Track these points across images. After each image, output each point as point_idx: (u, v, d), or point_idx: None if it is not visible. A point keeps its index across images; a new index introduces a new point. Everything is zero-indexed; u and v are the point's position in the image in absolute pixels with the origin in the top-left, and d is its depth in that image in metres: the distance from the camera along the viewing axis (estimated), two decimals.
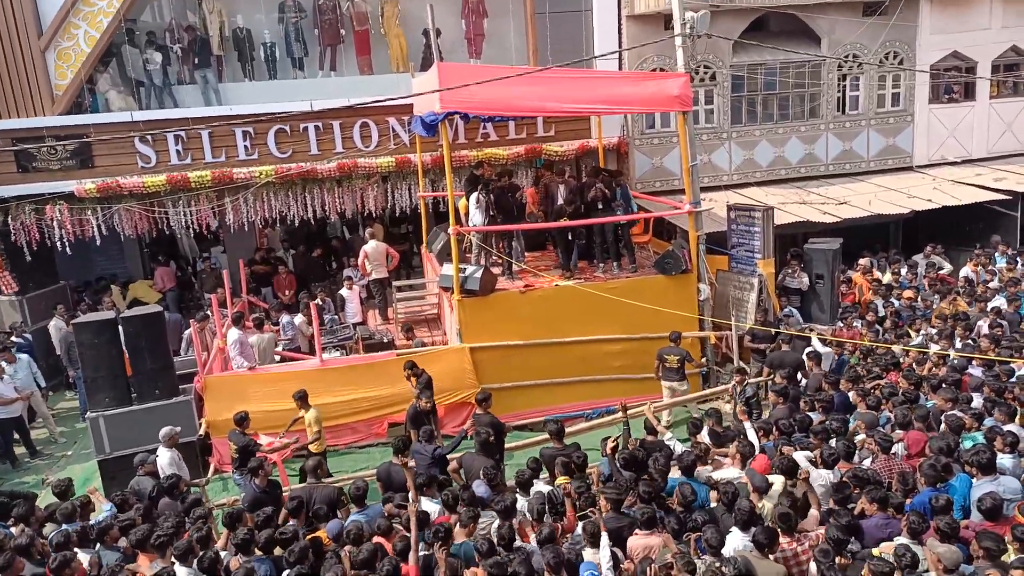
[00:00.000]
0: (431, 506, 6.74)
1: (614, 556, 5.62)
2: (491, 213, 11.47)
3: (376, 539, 6.06)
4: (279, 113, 13.02)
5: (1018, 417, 7.47)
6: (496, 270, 11.83)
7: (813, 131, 16.46)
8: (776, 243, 12.62)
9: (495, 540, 5.90)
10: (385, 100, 11.86)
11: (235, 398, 9.88)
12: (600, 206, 11.60)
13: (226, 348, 11.11)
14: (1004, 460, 6.60)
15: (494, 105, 10.72)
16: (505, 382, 10.88)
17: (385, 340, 11.99)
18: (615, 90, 11.31)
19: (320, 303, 12.81)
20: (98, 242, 13.61)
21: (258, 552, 6.00)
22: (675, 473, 7.05)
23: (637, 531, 5.90)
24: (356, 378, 10.65)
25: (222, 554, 6.04)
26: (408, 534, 5.97)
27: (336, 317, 13.11)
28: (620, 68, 14.96)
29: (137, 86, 14.54)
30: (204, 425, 10.11)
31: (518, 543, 6.00)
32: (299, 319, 12.59)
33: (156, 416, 9.34)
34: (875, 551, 5.51)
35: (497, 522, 6.24)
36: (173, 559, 5.88)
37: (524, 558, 5.51)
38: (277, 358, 11.74)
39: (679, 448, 7.60)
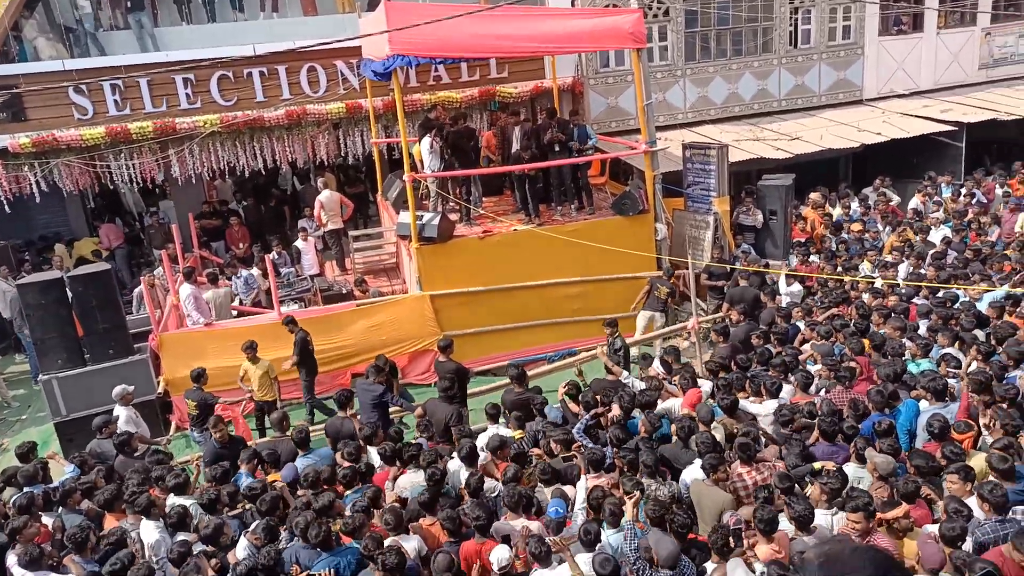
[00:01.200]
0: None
1: (563, 496, 5.78)
2: (445, 158, 11.31)
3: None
4: (220, 58, 12.48)
5: (958, 342, 7.78)
6: (454, 216, 11.73)
7: (766, 66, 16.46)
8: (731, 180, 12.72)
9: (464, 487, 6.05)
10: (332, 42, 11.44)
11: (192, 355, 9.74)
12: (557, 148, 11.51)
13: (180, 304, 10.89)
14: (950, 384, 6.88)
15: (445, 46, 10.45)
16: (467, 328, 10.91)
17: (344, 291, 11.88)
18: (568, 28, 11.10)
19: (276, 256, 12.58)
20: (38, 199, 13.07)
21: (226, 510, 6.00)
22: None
23: (586, 475, 6.05)
24: (315, 330, 10.51)
25: (188, 503, 6.04)
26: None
27: (293, 269, 12.91)
28: (573, 5, 14.66)
29: (67, 32, 13.78)
30: (163, 383, 9.97)
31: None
32: (255, 272, 12.36)
33: (111, 376, 9.17)
34: (816, 465, 5.77)
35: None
36: (139, 514, 5.87)
37: (480, 502, 5.64)
38: (234, 313, 11.56)
39: (639, 385, 7.75)
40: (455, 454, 6.61)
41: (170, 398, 9.99)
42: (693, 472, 5.96)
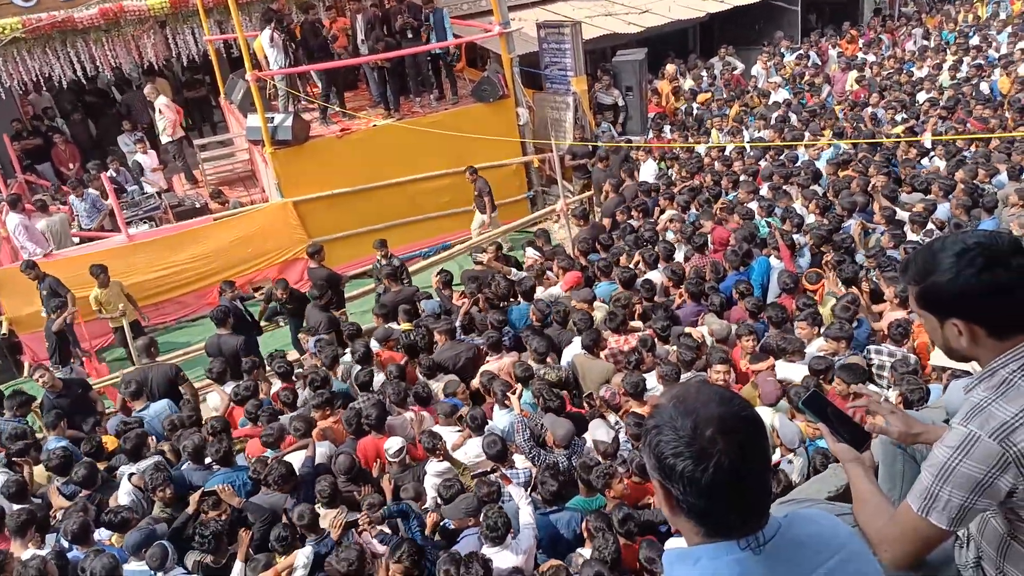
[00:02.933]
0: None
1: (452, 383, 5.98)
2: (290, 53, 10.57)
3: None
4: None
5: (800, 199, 8.40)
6: (308, 116, 11.13)
7: None
8: (586, 59, 12.71)
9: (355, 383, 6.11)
10: None
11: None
12: (410, 35, 11.01)
13: (10, 237, 9.88)
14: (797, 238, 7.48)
15: None
16: (336, 232, 10.63)
17: (197, 205, 11.17)
18: None
19: (114, 173, 11.54)
20: None
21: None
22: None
23: (488, 358, 6.25)
24: (172, 249, 9.95)
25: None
26: None
27: (137, 187, 11.91)
28: None
29: None
30: (5, 322, 9.18)
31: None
32: (92, 193, 11.30)
33: None
34: (688, 330, 6.23)
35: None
36: None
37: (375, 399, 5.72)
38: (76, 240, 10.64)
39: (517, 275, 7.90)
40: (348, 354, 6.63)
41: (17, 338, 9.25)
42: (574, 349, 6.25)
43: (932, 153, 9.36)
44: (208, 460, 5.40)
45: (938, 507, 1.67)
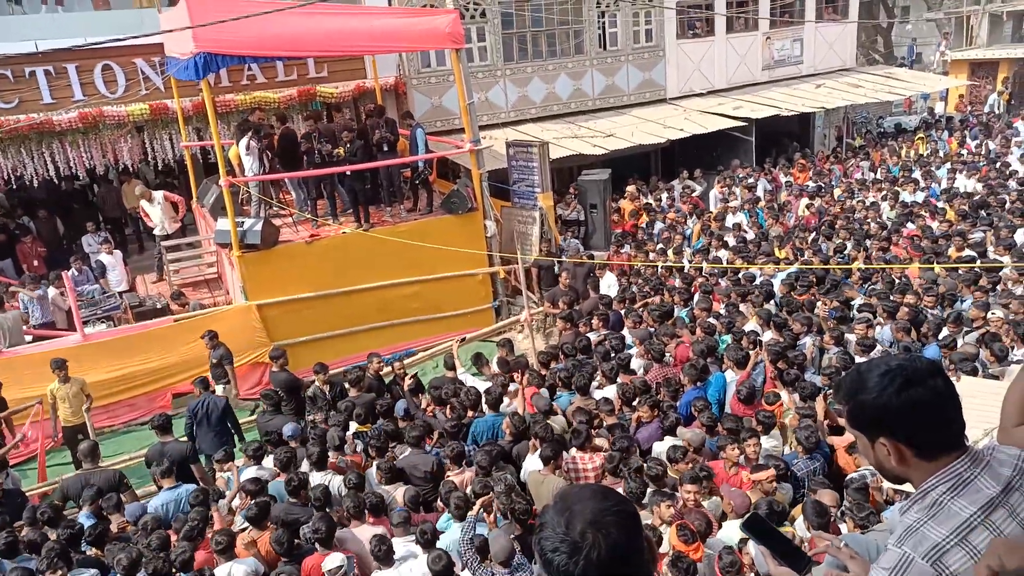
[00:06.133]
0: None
1: (416, 496, 5.83)
2: (265, 162, 10.87)
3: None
4: None
5: (754, 317, 8.62)
6: (278, 221, 11.30)
7: (579, 67, 17.27)
8: (553, 177, 13.23)
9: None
10: (127, 38, 10.53)
11: None
12: (386, 148, 11.42)
13: None
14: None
15: (256, 44, 10.00)
16: (300, 336, 10.56)
17: (158, 306, 11.07)
18: (385, 27, 11.04)
19: (76, 272, 11.45)
20: None
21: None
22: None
23: (448, 472, 6.14)
24: (127, 350, 9.77)
25: None
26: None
27: (97, 286, 11.80)
28: (390, 4, 14.56)
29: None
30: None
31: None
32: (51, 292, 11.16)
33: None
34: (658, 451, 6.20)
35: None
36: None
37: (323, 514, 5.53)
38: (28, 338, 10.40)
39: (472, 381, 7.88)
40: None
41: None
42: (532, 463, 6.16)
43: (873, 281, 9.70)
44: None
45: None
